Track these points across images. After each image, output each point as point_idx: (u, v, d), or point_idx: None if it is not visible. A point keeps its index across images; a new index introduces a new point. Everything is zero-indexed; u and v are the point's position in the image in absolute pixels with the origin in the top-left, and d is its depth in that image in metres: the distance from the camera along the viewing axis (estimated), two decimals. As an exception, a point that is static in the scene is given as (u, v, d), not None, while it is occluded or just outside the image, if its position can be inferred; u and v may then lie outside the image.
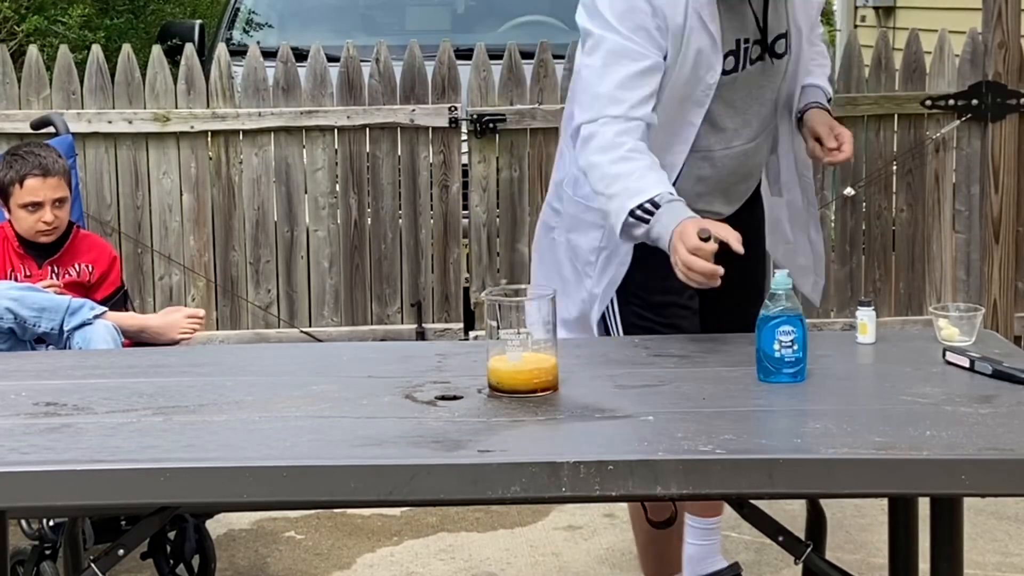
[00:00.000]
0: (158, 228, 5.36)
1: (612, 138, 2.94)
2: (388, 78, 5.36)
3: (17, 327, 3.53)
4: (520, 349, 2.51)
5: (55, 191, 3.80)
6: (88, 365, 2.90)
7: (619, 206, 2.89)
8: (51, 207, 3.79)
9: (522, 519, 4.27)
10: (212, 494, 2.25)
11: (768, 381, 2.59)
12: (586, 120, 3.00)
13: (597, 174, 2.96)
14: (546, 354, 2.53)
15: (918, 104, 5.39)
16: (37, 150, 3.86)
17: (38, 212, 3.79)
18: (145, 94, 5.29)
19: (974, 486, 2.22)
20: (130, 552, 2.47)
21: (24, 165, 3.79)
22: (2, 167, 3.83)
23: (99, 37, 7.90)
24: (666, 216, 2.83)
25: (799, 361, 2.58)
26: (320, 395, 2.57)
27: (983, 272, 5.44)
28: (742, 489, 2.24)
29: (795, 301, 2.60)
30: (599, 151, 2.95)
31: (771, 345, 2.58)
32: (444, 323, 5.46)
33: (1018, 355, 2.74)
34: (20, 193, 3.78)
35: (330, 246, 5.40)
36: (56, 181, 3.81)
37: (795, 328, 2.57)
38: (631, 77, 2.97)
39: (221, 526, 4.20)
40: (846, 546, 3.99)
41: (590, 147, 2.98)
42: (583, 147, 3.00)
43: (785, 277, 2.60)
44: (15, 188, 3.79)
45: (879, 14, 9.15)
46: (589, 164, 2.99)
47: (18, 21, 7.98)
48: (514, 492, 2.19)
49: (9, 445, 2.30)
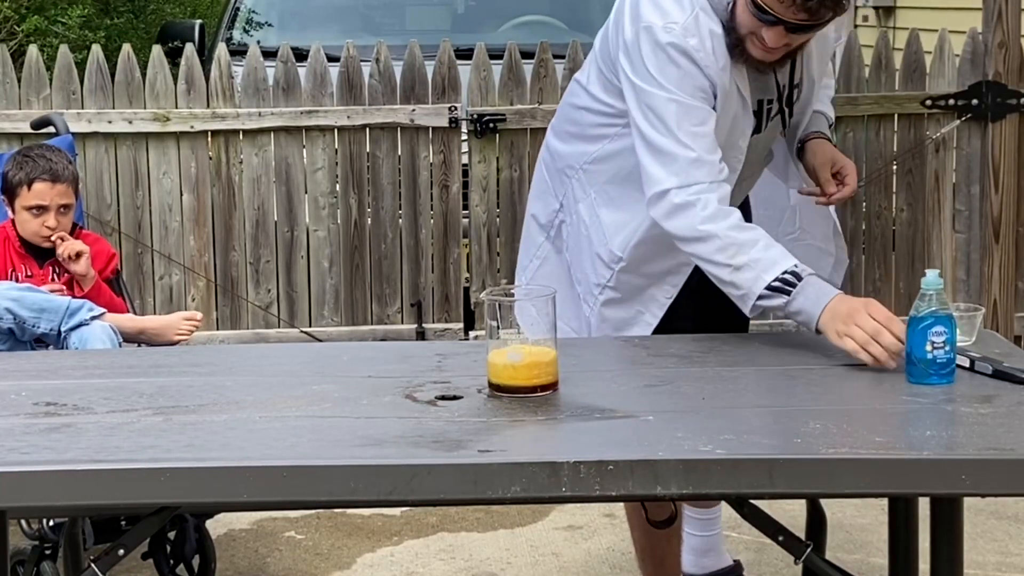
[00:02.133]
0: (158, 228, 5.36)
1: (718, 206, 2.86)
2: (388, 78, 5.36)
3: (16, 327, 3.53)
4: (520, 349, 2.51)
5: (62, 197, 3.81)
6: (88, 365, 2.90)
7: (753, 276, 2.80)
8: (56, 213, 3.80)
9: (522, 519, 4.27)
10: (212, 494, 2.25)
11: (919, 383, 2.54)
12: (676, 186, 2.88)
13: (716, 244, 2.84)
14: (546, 353, 2.53)
15: (918, 104, 5.39)
16: (48, 154, 3.86)
17: (42, 216, 3.79)
18: (145, 94, 5.29)
19: (974, 486, 2.21)
20: (130, 552, 2.46)
21: (35, 168, 3.79)
22: (12, 167, 3.83)
23: (99, 37, 7.90)
24: (811, 289, 2.77)
25: (950, 362, 2.55)
26: (320, 395, 2.57)
27: (983, 272, 5.44)
28: (742, 489, 2.23)
29: (945, 301, 2.56)
30: (710, 220, 2.85)
31: (923, 347, 2.53)
32: (444, 323, 5.46)
33: (1018, 355, 2.74)
34: (27, 195, 3.79)
35: (330, 246, 5.41)
36: (64, 188, 3.82)
37: (947, 329, 2.53)
38: (707, 137, 2.90)
39: (221, 526, 4.20)
40: (846, 546, 3.99)
41: (692, 214, 2.87)
42: (679, 213, 2.89)
43: (936, 277, 2.56)
44: (23, 190, 3.79)
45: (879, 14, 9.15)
46: (702, 233, 2.86)
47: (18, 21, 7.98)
48: (514, 492, 2.18)
49: (9, 445, 2.30)
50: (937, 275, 2.57)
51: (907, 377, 2.57)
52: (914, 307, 2.57)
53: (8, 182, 3.82)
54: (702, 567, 3.71)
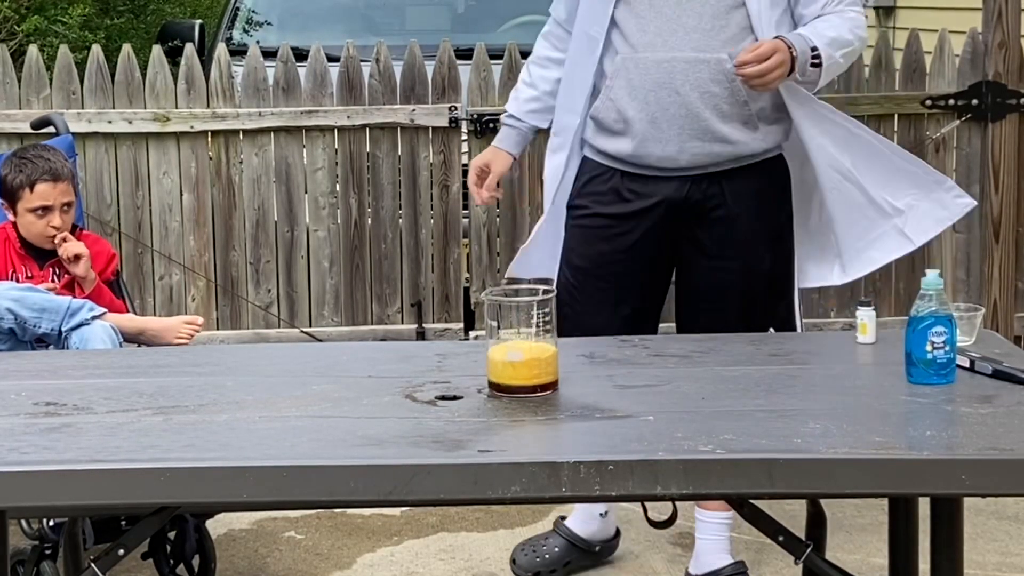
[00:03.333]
0: (158, 228, 5.36)
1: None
2: (388, 78, 5.36)
3: (17, 327, 3.53)
4: (520, 348, 2.51)
5: (64, 195, 3.82)
6: (88, 365, 2.90)
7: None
8: (60, 212, 3.81)
9: (522, 519, 4.26)
10: (212, 494, 2.25)
11: (919, 383, 2.54)
12: None
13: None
14: (546, 353, 2.53)
15: (918, 104, 5.39)
16: (45, 154, 3.86)
17: (47, 216, 3.80)
18: (145, 94, 5.29)
19: (974, 486, 2.21)
20: (130, 552, 2.47)
21: (35, 170, 3.79)
22: (9, 170, 3.83)
23: (99, 37, 7.90)
24: None
25: (950, 362, 2.55)
26: (320, 395, 2.57)
27: (983, 272, 5.44)
28: (742, 489, 2.23)
29: (945, 301, 2.57)
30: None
31: (923, 347, 2.54)
32: (444, 323, 5.46)
33: (1018, 355, 2.74)
34: (30, 197, 3.79)
35: (330, 246, 5.40)
36: (65, 186, 3.83)
37: (947, 329, 2.53)
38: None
39: (221, 526, 4.20)
40: (846, 546, 3.99)
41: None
42: None
43: (936, 277, 2.56)
44: (25, 192, 3.79)
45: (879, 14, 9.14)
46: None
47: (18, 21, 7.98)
48: (514, 492, 2.19)
49: (9, 445, 2.30)
50: (937, 275, 2.57)
51: (907, 377, 2.57)
52: (914, 307, 2.57)
53: (8, 186, 3.82)
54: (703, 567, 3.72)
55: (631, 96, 3.40)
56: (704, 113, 3.37)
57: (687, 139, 3.38)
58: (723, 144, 3.40)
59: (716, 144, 3.40)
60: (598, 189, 3.53)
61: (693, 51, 3.35)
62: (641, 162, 3.44)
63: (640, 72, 3.39)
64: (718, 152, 3.41)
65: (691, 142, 3.39)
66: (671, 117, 3.37)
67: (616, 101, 3.43)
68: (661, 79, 3.36)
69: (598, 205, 3.53)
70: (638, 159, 3.44)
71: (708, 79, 3.35)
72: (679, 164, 3.41)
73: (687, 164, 3.41)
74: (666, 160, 3.41)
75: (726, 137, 3.40)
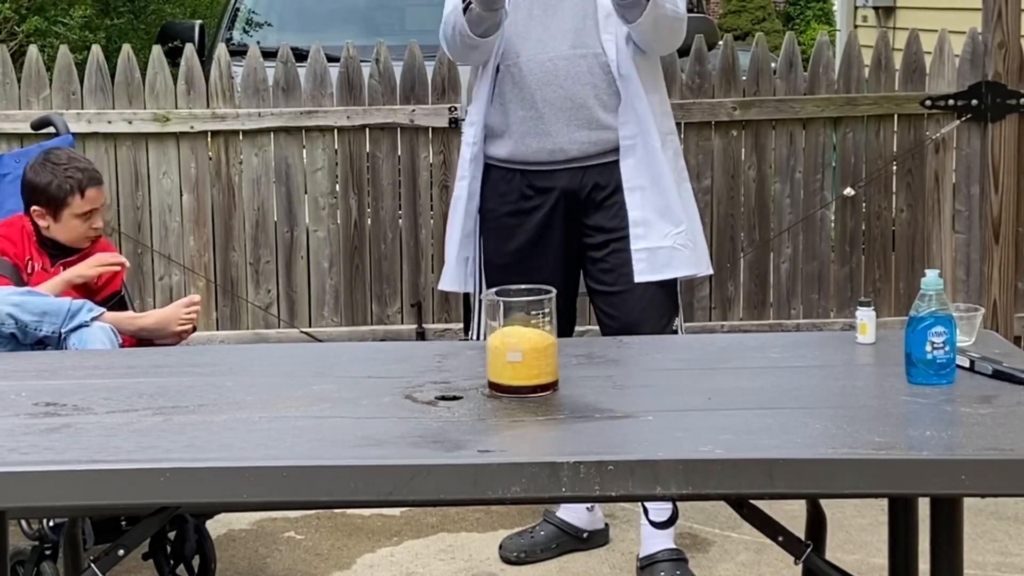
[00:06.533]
0: (158, 228, 5.36)
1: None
2: (388, 78, 5.36)
3: (19, 332, 3.53)
4: (520, 348, 2.51)
5: (103, 197, 3.87)
6: (88, 365, 2.90)
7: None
8: (99, 212, 3.85)
9: (522, 519, 4.26)
10: (212, 494, 2.25)
11: (919, 383, 2.54)
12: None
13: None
14: (546, 352, 2.53)
15: (918, 104, 5.39)
16: (76, 156, 3.91)
17: (91, 219, 3.82)
18: (145, 94, 5.30)
19: (974, 486, 2.21)
20: (130, 552, 2.47)
21: (83, 175, 3.81)
22: (51, 178, 3.78)
23: (99, 38, 7.90)
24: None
25: (950, 362, 2.55)
26: (320, 395, 2.57)
27: (983, 272, 5.44)
28: (742, 489, 2.23)
29: (945, 301, 2.56)
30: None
31: (923, 347, 2.53)
32: (444, 323, 5.46)
33: (1018, 355, 2.74)
34: (80, 203, 3.79)
35: (330, 246, 5.41)
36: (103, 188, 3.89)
37: (947, 329, 2.53)
38: None
39: (221, 526, 4.20)
40: (846, 546, 3.99)
41: None
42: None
43: (936, 278, 2.56)
44: (75, 198, 3.79)
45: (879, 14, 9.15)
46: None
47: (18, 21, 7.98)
48: (514, 492, 2.19)
49: (9, 445, 2.30)
50: (937, 275, 2.57)
51: (907, 377, 2.57)
52: (914, 307, 2.57)
53: (53, 194, 3.78)
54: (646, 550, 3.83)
55: (519, 98, 3.64)
56: (588, 102, 3.62)
57: (575, 129, 3.62)
58: (607, 131, 3.63)
59: (601, 131, 3.63)
60: (502, 190, 3.73)
61: (571, 48, 3.60)
62: (532, 159, 3.66)
63: (525, 74, 3.62)
64: (606, 139, 3.63)
65: (579, 132, 3.63)
66: (557, 111, 3.62)
67: (505, 105, 3.66)
68: (545, 78, 3.61)
69: (504, 205, 3.74)
70: (522, 157, 3.67)
71: (586, 71, 3.60)
72: (570, 155, 3.64)
73: (578, 154, 3.64)
74: (558, 152, 3.64)
75: (609, 124, 3.62)
